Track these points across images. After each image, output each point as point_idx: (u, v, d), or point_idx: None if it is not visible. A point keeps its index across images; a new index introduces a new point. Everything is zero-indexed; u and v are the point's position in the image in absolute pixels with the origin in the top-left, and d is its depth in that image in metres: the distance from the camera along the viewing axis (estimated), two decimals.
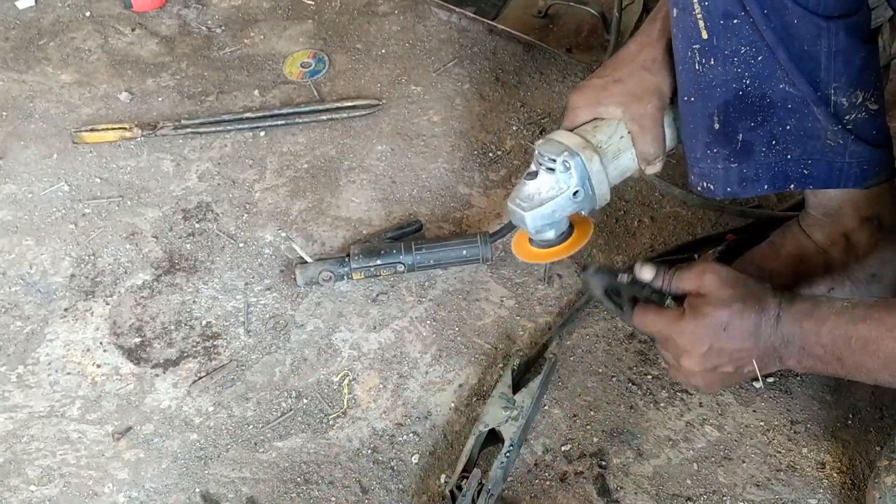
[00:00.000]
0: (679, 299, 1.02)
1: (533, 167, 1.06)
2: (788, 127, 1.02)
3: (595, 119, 1.08)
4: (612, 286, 1.06)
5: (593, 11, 1.70)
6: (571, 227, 1.10)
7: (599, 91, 1.07)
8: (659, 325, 1.01)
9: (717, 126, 1.04)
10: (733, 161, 1.05)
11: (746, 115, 1.02)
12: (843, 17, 0.95)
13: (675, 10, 1.01)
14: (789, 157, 1.04)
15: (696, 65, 1.01)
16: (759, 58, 0.98)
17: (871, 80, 1.00)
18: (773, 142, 1.03)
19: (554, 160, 1.03)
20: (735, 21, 0.96)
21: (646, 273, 1.03)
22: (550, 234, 1.08)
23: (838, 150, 1.03)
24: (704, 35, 0.98)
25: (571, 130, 1.08)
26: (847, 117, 1.00)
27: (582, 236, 1.10)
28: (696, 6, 0.97)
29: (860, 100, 0.99)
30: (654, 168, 1.08)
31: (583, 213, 1.07)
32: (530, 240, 1.11)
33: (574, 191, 1.04)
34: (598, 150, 1.05)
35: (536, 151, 1.05)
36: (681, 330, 0.99)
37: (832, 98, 0.99)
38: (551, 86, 1.66)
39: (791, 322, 0.95)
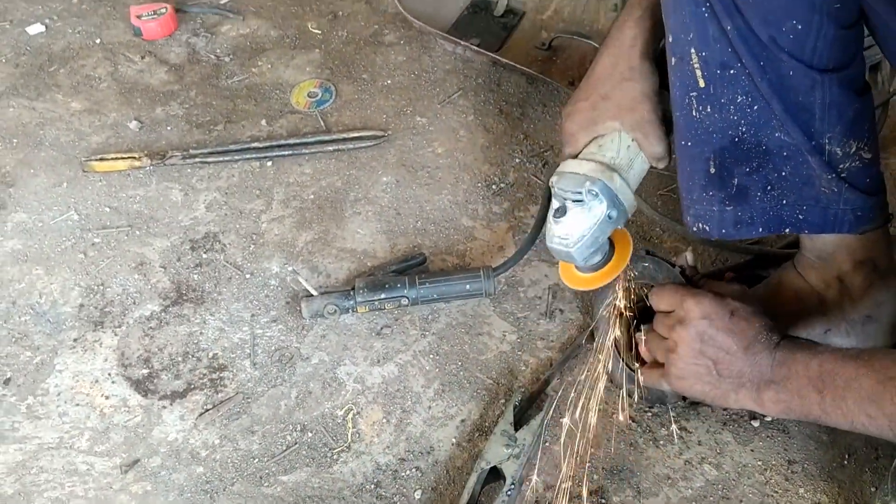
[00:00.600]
0: None
1: (556, 203, 1.08)
2: (784, 173, 1.04)
3: (595, 138, 1.10)
4: (656, 277, 1.15)
5: (596, 45, 1.73)
6: (611, 241, 1.12)
7: (590, 111, 1.09)
8: (675, 292, 1.06)
9: (712, 170, 1.06)
10: (728, 204, 1.08)
11: (742, 161, 1.04)
12: (837, 71, 0.97)
13: (673, 59, 1.03)
14: (784, 202, 1.07)
15: (693, 111, 1.03)
16: (755, 107, 1.00)
17: (865, 129, 1.02)
18: (769, 187, 1.05)
19: (579, 192, 1.05)
20: (731, 71, 0.98)
21: (690, 257, 1.16)
22: (598, 258, 1.10)
23: (833, 196, 1.05)
24: (702, 84, 1.01)
25: (576, 157, 1.10)
26: (841, 166, 1.02)
27: (626, 248, 1.12)
28: (694, 56, 0.99)
29: (854, 149, 1.02)
30: (665, 162, 1.12)
31: (619, 227, 1.10)
32: (577, 268, 1.13)
33: (608, 214, 1.06)
34: (613, 167, 1.07)
35: (555, 189, 1.07)
36: (694, 295, 1.03)
37: (826, 147, 1.01)
38: (554, 118, 1.69)
39: (785, 350, 0.99)
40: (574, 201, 1.06)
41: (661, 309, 1.09)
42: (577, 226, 1.06)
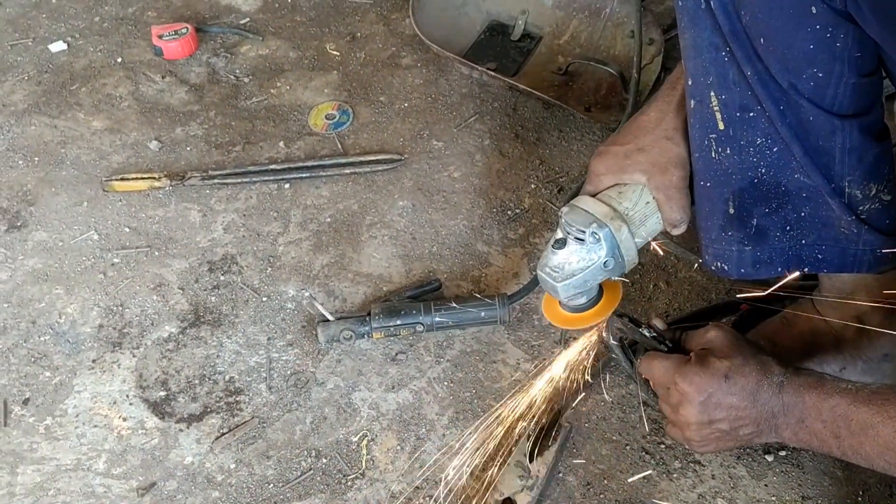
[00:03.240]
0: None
1: (559, 234, 1.08)
2: (803, 214, 1.05)
3: (617, 184, 1.10)
4: (627, 336, 1.11)
5: (612, 71, 1.74)
6: (601, 289, 1.12)
7: (622, 159, 1.09)
8: (664, 369, 1.05)
9: (731, 210, 1.06)
10: (747, 244, 1.08)
11: (761, 202, 1.05)
12: (858, 117, 0.97)
13: (692, 101, 1.03)
14: (803, 241, 1.07)
15: (713, 153, 1.04)
16: (775, 149, 1.00)
17: (885, 172, 1.03)
18: (788, 227, 1.06)
19: (583, 231, 1.05)
20: (751, 114, 0.99)
21: (658, 323, 1.12)
22: (582, 300, 1.10)
23: (852, 237, 1.05)
24: (721, 126, 1.01)
25: (594, 195, 1.10)
26: (861, 208, 1.03)
27: (612, 300, 1.12)
28: (714, 99, 1.00)
29: (874, 192, 1.02)
30: (680, 230, 1.11)
31: (612, 278, 1.09)
32: (561, 304, 1.13)
33: (604, 261, 1.06)
34: (625, 218, 1.07)
35: (563, 220, 1.07)
36: (683, 374, 1.02)
37: (846, 190, 1.01)
38: (570, 144, 1.69)
39: (794, 392, 0.98)
40: (576, 238, 1.06)
41: (653, 381, 1.09)
42: (571, 263, 1.06)
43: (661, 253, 1.18)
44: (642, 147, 1.08)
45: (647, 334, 1.12)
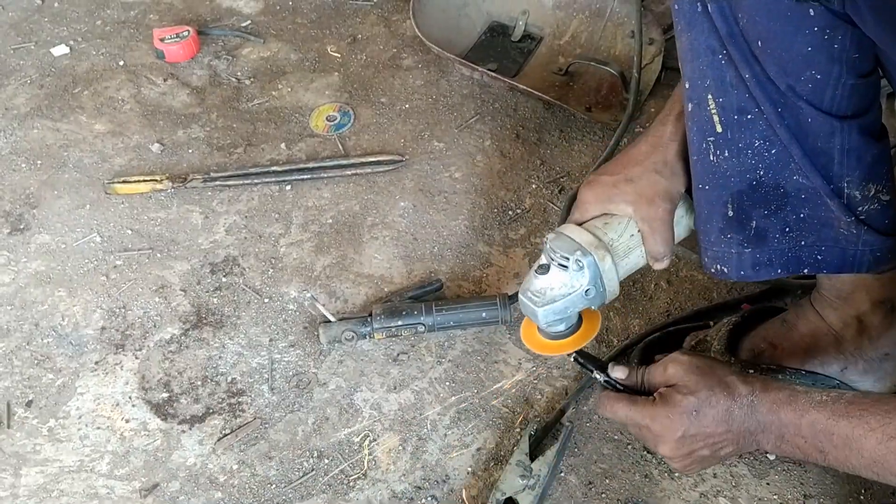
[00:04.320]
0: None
1: (544, 260, 1.08)
2: (802, 215, 1.05)
3: (604, 214, 1.10)
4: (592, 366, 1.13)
5: (613, 71, 1.74)
6: (580, 318, 1.12)
7: (610, 188, 1.09)
8: (631, 414, 1.05)
9: (730, 213, 1.06)
10: (746, 246, 1.08)
11: (760, 204, 1.05)
12: (856, 118, 0.97)
13: (689, 105, 1.03)
14: (803, 243, 1.07)
15: (711, 156, 1.04)
16: (773, 151, 1.00)
17: (883, 173, 1.03)
18: (787, 229, 1.06)
19: (567, 258, 1.05)
20: (749, 116, 0.99)
21: (618, 373, 1.10)
22: (560, 327, 1.10)
23: (851, 238, 1.05)
24: (719, 129, 1.01)
25: (581, 224, 1.10)
26: (860, 209, 1.03)
27: (591, 329, 1.12)
28: (711, 102, 1.00)
29: (872, 192, 1.02)
30: (662, 265, 1.11)
31: (592, 308, 1.09)
32: (539, 329, 1.13)
33: (586, 289, 1.06)
34: (609, 248, 1.07)
35: (548, 245, 1.07)
36: (653, 417, 1.02)
37: (845, 191, 1.01)
38: (571, 144, 1.70)
39: (767, 410, 0.97)
40: (560, 265, 1.06)
41: (622, 425, 1.10)
42: (552, 289, 1.06)
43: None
44: (631, 178, 1.08)
45: (601, 379, 1.12)
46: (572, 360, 1.15)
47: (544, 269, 1.06)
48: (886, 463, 0.87)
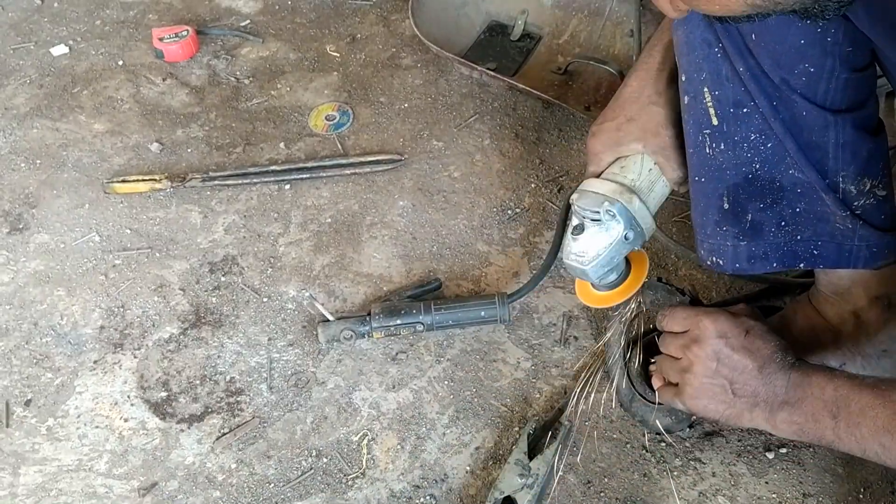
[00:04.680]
0: None
1: (576, 220, 1.09)
2: (798, 210, 1.05)
3: (618, 158, 1.11)
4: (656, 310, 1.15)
5: (612, 70, 1.74)
6: (628, 262, 1.13)
7: (615, 132, 1.10)
8: (689, 313, 1.06)
9: (726, 206, 1.07)
10: (742, 239, 1.08)
11: (756, 197, 1.05)
12: (850, 112, 0.97)
13: (686, 97, 1.04)
14: (799, 237, 1.07)
15: (707, 148, 1.04)
16: (769, 144, 1.00)
17: (879, 168, 1.02)
18: (783, 223, 1.06)
19: (598, 212, 1.06)
20: (745, 110, 0.99)
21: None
22: (613, 277, 1.11)
23: (847, 233, 1.05)
24: (715, 122, 1.01)
25: (599, 176, 1.11)
26: (855, 203, 1.03)
27: (641, 268, 1.14)
28: (707, 95, 1.00)
29: (868, 187, 1.02)
30: (686, 187, 1.12)
31: (636, 249, 1.11)
32: (593, 285, 1.14)
33: (624, 234, 1.07)
34: (633, 189, 1.08)
35: (575, 206, 1.08)
36: (710, 314, 1.03)
37: (840, 185, 1.01)
38: (570, 143, 1.70)
39: (801, 373, 0.99)
40: (592, 220, 1.07)
41: (673, 330, 1.09)
42: (593, 245, 1.07)
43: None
44: (631, 117, 1.09)
45: (686, 298, 1.16)
46: (645, 288, 1.15)
47: (579, 229, 1.07)
48: None
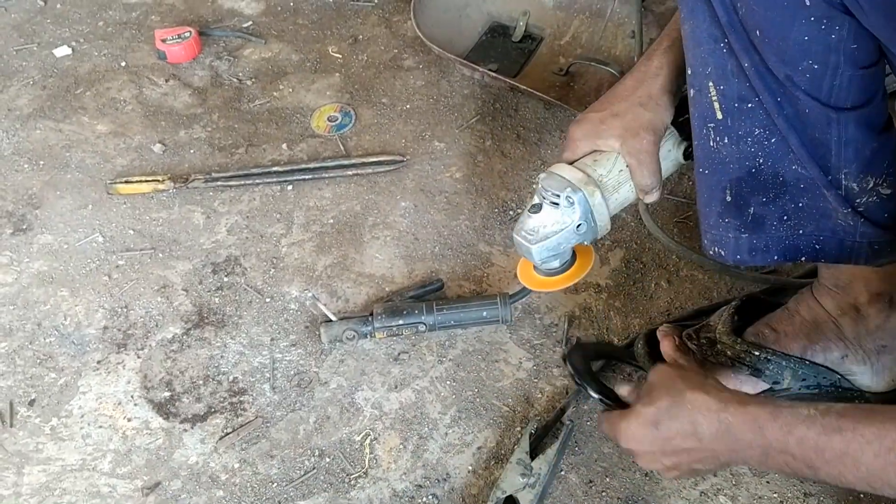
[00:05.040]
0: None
1: (536, 199, 1.10)
2: (800, 205, 1.05)
3: (594, 151, 1.11)
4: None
5: (613, 71, 1.74)
6: (574, 255, 1.14)
7: (598, 125, 1.10)
8: (608, 428, 1.05)
9: (729, 198, 1.07)
10: (744, 232, 1.08)
11: (758, 191, 1.05)
12: (855, 109, 0.97)
13: (691, 91, 1.04)
14: (801, 232, 1.07)
15: (711, 142, 1.04)
16: (772, 140, 1.00)
17: (883, 166, 1.02)
18: (785, 217, 1.06)
19: (558, 195, 1.07)
20: (749, 105, 0.99)
21: (623, 390, 1.09)
22: (555, 264, 1.12)
23: (849, 229, 1.05)
24: (719, 115, 1.01)
25: (571, 163, 1.11)
26: (858, 201, 1.02)
27: (584, 264, 1.14)
28: (712, 89, 1.00)
29: (871, 185, 1.02)
30: (652, 198, 1.12)
31: (585, 243, 1.11)
32: (535, 268, 1.15)
33: (577, 224, 1.07)
34: (598, 184, 1.08)
35: (539, 185, 1.09)
36: (618, 431, 1.01)
37: (843, 183, 1.01)
38: None
39: (747, 428, 0.91)
40: (552, 202, 1.08)
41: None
42: (545, 226, 1.08)
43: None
44: (617, 113, 1.09)
45: (595, 396, 1.13)
46: (568, 373, 1.15)
47: (536, 207, 1.08)
48: (885, 475, 0.83)
